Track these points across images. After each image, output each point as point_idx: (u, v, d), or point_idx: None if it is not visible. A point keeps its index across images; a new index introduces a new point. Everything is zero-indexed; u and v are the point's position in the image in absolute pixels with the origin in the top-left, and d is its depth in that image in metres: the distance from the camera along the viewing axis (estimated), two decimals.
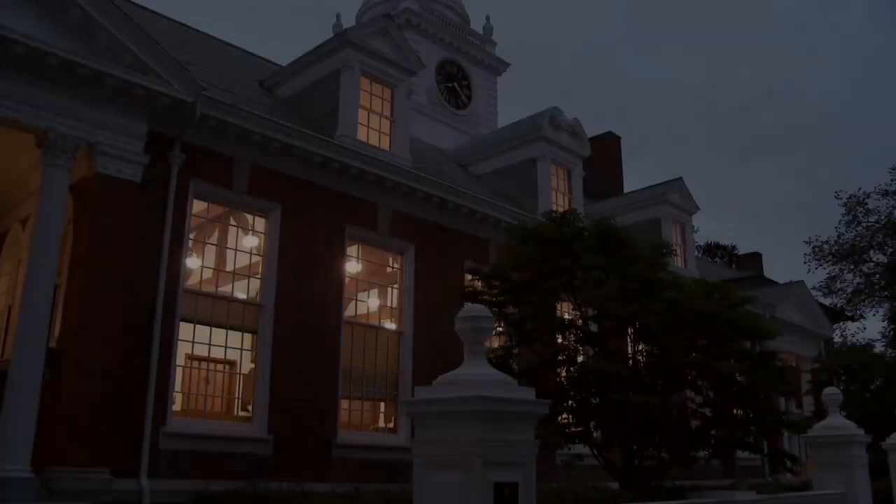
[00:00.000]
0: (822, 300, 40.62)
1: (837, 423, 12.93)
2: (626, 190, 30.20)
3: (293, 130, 15.21)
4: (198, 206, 14.44)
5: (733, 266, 46.51)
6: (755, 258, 42.17)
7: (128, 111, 12.73)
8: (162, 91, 12.86)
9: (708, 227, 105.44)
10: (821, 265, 47.18)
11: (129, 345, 12.37)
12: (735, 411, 14.53)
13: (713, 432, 14.08)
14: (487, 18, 33.72)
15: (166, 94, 12.93)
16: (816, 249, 47.03)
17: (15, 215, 15.03)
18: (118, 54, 12.55)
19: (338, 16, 33.30)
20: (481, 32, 33.14)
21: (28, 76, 11.65)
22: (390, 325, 17.28)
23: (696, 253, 30.16)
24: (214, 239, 15.14)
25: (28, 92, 11.65)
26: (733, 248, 57.65)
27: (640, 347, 14.27)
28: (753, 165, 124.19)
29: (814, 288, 42.18)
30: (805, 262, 48.42)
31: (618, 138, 32.52)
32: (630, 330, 14.16)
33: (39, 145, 11.95)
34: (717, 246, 58.46)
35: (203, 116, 13.70)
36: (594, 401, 13.51)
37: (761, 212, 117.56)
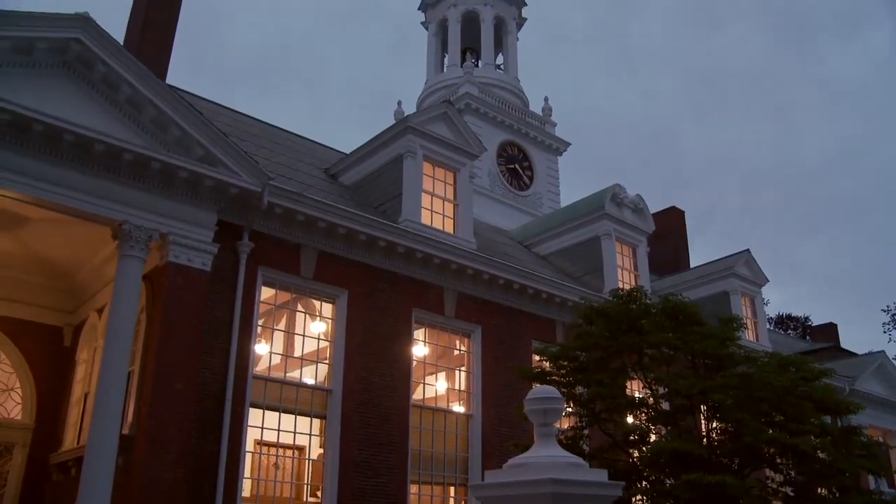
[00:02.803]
0: None
1: None
2: (692, 264, 29.81)
3: (358, 217, 15.46)
4: (266, 292, 14.69)
5: (807, 338, 45.27)
6: (830, 329, 40.90)
7: (198, 202, 13.18)
8: (231, 182, 13.27)
9: (779, 299, 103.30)
10: None
11: (199, 430, 12.53)
12: (820, 491, 13.96)
13: None
14: (546, 99, 34.11)
15: (235, 185, 13.33)
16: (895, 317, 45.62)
17: (91, 304, 15.51)
18: (189, 148, 13.05)
19: (399, 103, 34.00)
20: (540, 113, 33.49)
21: (105, 172, 12.25)
22: (459, 408, 17.16)
23: (767, 326, 29.47)
24: (282, 325, 15.34)
25: (105, 186, 12.24)
26: (806, 319, 56.20)
27: (714, 425, 13.90)
28: (824, 233, 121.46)
29: None
30: (885, 332, 46.91)
31: (682, 212, 32.24)
32: (703, 407, 13.82)
33: (115, 237, 12.44)
34: (790, 318, 57.12)
35: (270, 205, 14.04)
36: (669, 482, 13.14)
37: (834, 281, 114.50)
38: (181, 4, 17.67)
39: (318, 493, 14.48)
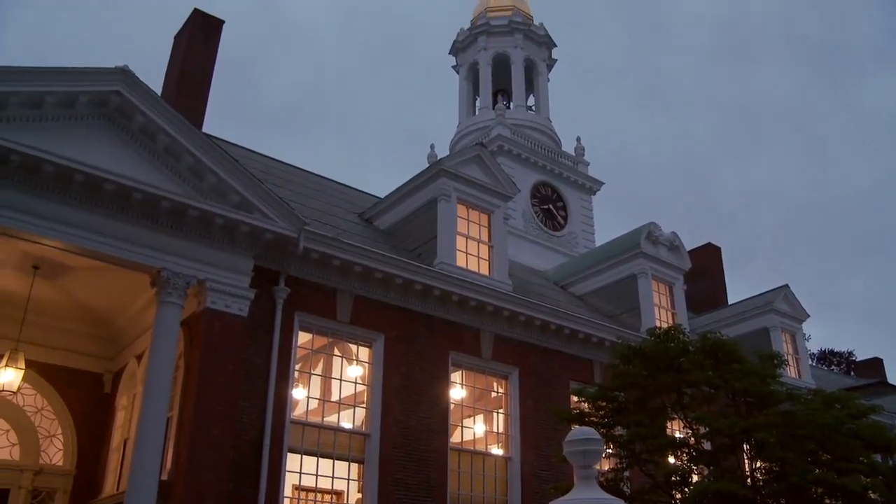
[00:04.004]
0: None
1: None
2: (731, 301, 29.52)
3: (394, 260, 15.52)
4: (302, 337, 14.74)
5: (852, 373, 44.33)
6: (876, 363, 39.95)
7: (235, 248, 13.33)
8: (267, 228, 13.41)
9: (821, 335, 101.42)
10: None
11: (237, 476, 12.54)
12: None
13: None
14: (578, 139, 34.15)
15: (271, 231, 13.46)
16: None
17: (131, 351, 15.69)
18: (225, 194, 13.23)
19: (432, 146, 34.27)
20: (573, 153, 33.54)
21: (144, 219, 12.47)
22: (497, 451, 17.01)
23: (809, 362, 28.98)
24: (319, 369, 15.36)
25: (143, 234, 12.45)
26: (850, 354, 55.02)
27: (758, 465, 13.64)
28: (865, 267, 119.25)
29: None
30: None
31: (718, 249, 31.99)
32: (745, 446, 13.58)
33: (153, 284, 12.61)
34: (833, 353, 56.00)
35: (306, 250, 14.14)
36: None
37: (878, 315, 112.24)
38: (216, 56, 18.04)
39: None
